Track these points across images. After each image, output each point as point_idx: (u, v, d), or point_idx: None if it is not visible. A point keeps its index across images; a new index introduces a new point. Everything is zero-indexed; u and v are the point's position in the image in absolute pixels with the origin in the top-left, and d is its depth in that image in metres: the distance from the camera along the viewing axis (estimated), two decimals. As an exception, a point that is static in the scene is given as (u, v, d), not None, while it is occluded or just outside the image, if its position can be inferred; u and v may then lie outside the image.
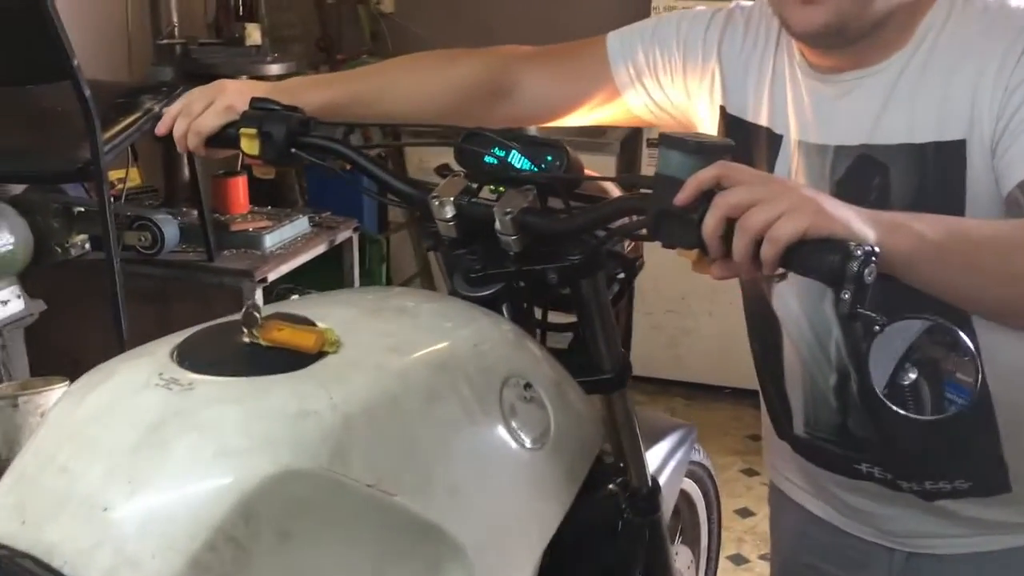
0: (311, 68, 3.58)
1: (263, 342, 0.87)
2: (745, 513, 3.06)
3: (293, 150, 1.23)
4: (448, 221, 1.15)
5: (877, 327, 0.84)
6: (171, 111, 1.29)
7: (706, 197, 0.92)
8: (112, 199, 2.73)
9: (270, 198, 3.06)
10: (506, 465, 0.94)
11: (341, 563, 0.81)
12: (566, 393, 1.07)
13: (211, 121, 1.25)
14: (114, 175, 2.82)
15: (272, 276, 2.60)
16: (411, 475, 0.85)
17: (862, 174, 1.15)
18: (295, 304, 1.01)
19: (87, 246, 2.38)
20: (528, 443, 0.97)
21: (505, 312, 1.18)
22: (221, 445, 0.77)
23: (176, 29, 2.70)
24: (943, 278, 0.93)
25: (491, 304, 1.16)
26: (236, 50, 2.78)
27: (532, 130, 1.89)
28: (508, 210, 1.10)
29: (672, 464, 1.59)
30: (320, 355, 0.87)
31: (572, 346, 1.29)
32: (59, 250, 2.35)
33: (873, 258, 0.83)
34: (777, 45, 1.24)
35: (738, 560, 2.81)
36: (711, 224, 0.88)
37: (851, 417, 1.25)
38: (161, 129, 1.30)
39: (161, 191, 2.95)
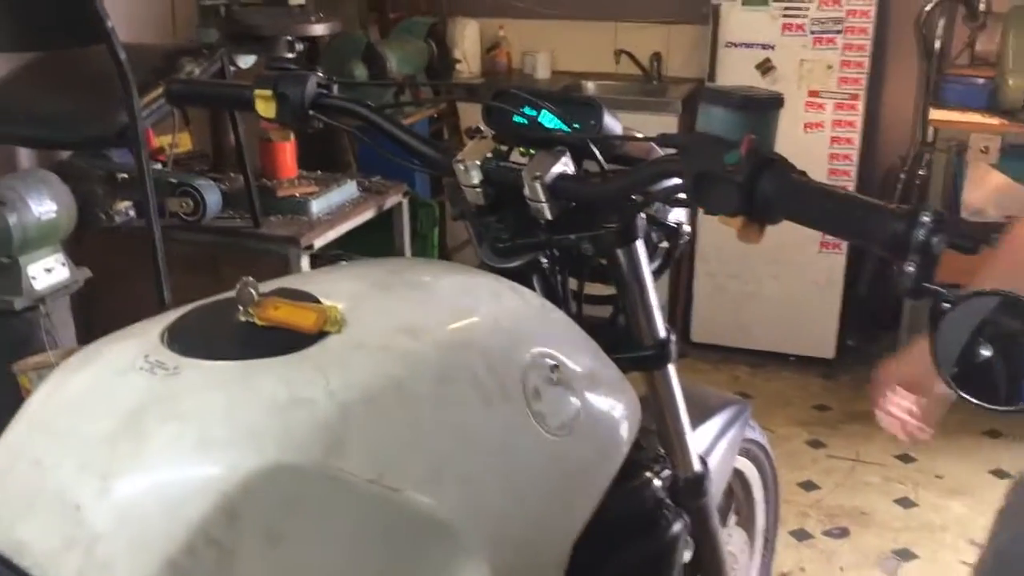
0: (361, 28, 3.50)
1: (258, 321, 0.80)
2: (809, 486, 2.94)
3: (311, 112, 1.16)
4: (474, 187, 1.06)
5: (947, 304, 0.73)
6: None
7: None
8: (161, 164, 2.71)
9: (320, 162, 3.00)
10: (527, 454, 0.86)
11: (341, 567, 0.73)
12: (599, 374, 0.98)
13: None
14: (164, 140, 2.79)
15: (319, 243, 2.55)
16: (418, 467, 0.77)
17: None
18: (302, 279, 0.94)
19: (131, 212, 2.35)
20: (553, 429, 0.88)
21: (536, 285, 1.09)
22: (202, 436, 0.70)
23: (221, -11, 2.64)
24: None
25: (521, 276, 1.08)
26: (279, 9, 2.71)
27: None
28: (537, 174, 1.01)
29: (724, 443, 1.49)
30: (321, 336, 0.80)
31: (612, 319, 1.20)
32: (104, 217, 2.33)
33: (942, 224, 0.72)
34: None
35: (801, 536, 2.70)
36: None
37: None
38: None
39: (210, 156, 2.91)
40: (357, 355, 0.79)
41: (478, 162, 1.06)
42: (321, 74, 1.17)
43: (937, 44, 3.56)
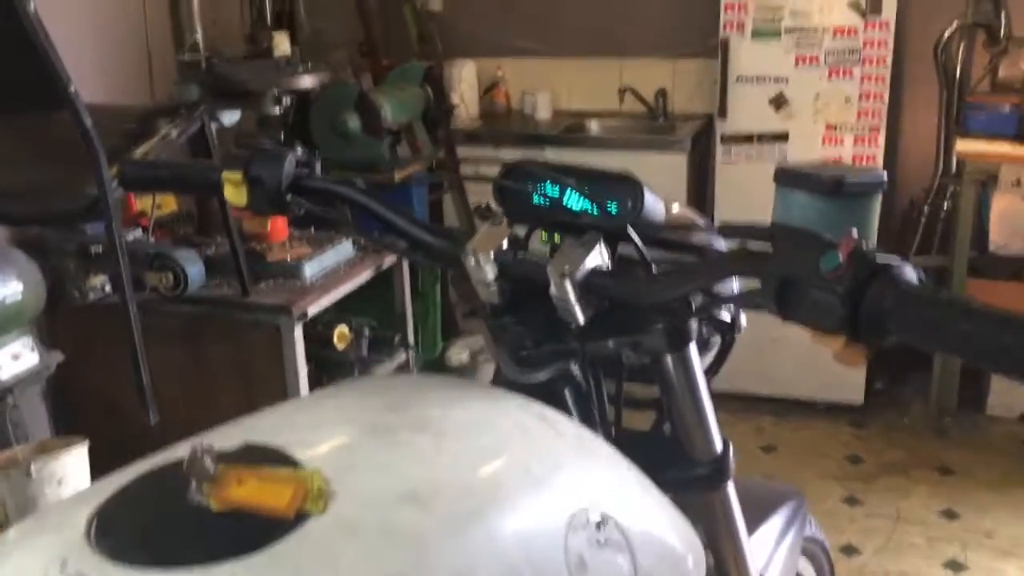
0: (353, 76, 3.33)
1: (215, 505, 0.60)
2: (850, 551, 2.72)
3: (289, 197, 0.97)
4: (488, 284, 0.87)
5: None
6: None
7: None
8: (143, 229, 2.53)
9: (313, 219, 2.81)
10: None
11: None
12: (653, 519, 0.78)
13: None
14: (146, 203, 2.60)
15: (313, 310, 2.35)
16: None
17: None
18: (277, 420, 0.74)
19: (107, 288, 2.16)
20: (605, 611, 0.69)
21: (568, 400, 0.90)
22: None
23: (200, 43, 2.47)
24: None
25: (548, 391, 0.88)
26: (264, 62, 2.54)
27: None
28: (566, 270, 0.82)
29: (784, 550, 1.29)
30: (299, 519, 0.60)
31: (656, 427, 1.00)
32: (77, 294, 2.14)
33: None
34: None
35: (846, 609, 2.49)
36: None
37: None
38: None
39: (196, 217, 2.73)
40: (348, 546, 0.59)
41: (491, 254, 0.87)
42: (301, 151, 0.98)
43: (958, 71, 3.40)
